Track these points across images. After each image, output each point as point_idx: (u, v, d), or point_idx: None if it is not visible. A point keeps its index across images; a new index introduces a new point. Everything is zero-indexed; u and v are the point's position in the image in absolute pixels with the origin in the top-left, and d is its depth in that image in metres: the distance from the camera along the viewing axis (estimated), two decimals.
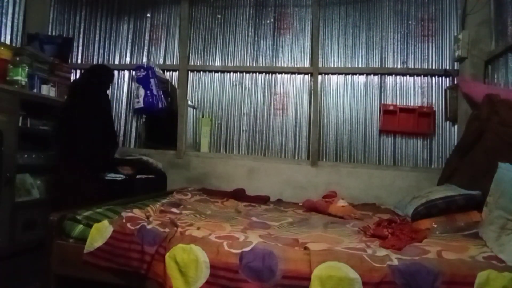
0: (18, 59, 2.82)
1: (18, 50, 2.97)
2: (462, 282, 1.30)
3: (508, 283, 1.27)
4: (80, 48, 3.95)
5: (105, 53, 3.92)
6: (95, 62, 3.91)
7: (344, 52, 3.51)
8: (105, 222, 1.75)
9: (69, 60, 3.72)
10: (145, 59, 3.83)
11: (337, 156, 3.45)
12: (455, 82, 3.23)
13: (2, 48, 2.87)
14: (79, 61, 3.94)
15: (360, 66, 3.48)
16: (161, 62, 3.80)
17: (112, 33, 3.92)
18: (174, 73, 3.79)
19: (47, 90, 3.04)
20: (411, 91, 3.39)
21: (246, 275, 1.40)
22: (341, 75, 3.50)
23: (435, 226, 1.90)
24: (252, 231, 1.78)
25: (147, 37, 3.86)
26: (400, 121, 3.32)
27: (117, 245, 1.65)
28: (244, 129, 3.63)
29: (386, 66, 3.44)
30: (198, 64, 3.76)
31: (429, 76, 3.37)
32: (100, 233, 1.70)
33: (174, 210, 2.18)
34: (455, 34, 3.20)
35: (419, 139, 3.33)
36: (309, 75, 3.55)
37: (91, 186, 2.54)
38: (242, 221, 2.11)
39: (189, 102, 3.70)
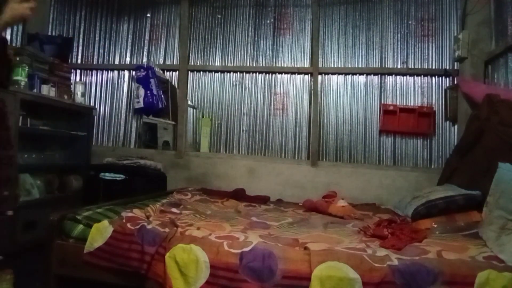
0: (18, 59, 2.81)
1: (18, 50, 2.96)
2: (462, 282, 1.30)
3: (508, 283, 1.28)
4: (80, 48, 3.95)
5: (105, 53, 3.92)
6: (95, 62, 3.91)
7: (344, 52, 3.51)
8: (105, 222, 1.75)
9: (69, 60, 3.71)
10: (145, 59, 3.83)
11: (337, 156, 3.45)
12: (455, 82, 3.23)
13: None
14: (79, 61, 3.94)
15: (360, 66, 3.48)
16: (161, 62, 3.80)
17: (112, 33, 3.92)
18: (174, 73, 3.78)
19: (47, 90, 3.03)
20: (411, 91, 3.39)
21: (246, 275, 1.40)
22: (341, 75, 3.50)
23: (435, 226, 1.90)
24: (252, 231, 1.78)
25: (147, 37, 3.86)
26: (400, 121, 3.31)
27: (117, 245, 1.65)
28: (244, 129, 3.63)
29: (386, 66, 3.43)
30: (198, 64, 3.76)
31: (429, 76, 3.36)
32: (100, 233, 1.70)
33: (174, 210, 2.18)
34: (455, 34, 3.20)
35: (419, 139, 3.33)
36: (309, 75, 3.54)
37: None
38: (242, 221, 2.11)
39: (189, 102, 3.70)
